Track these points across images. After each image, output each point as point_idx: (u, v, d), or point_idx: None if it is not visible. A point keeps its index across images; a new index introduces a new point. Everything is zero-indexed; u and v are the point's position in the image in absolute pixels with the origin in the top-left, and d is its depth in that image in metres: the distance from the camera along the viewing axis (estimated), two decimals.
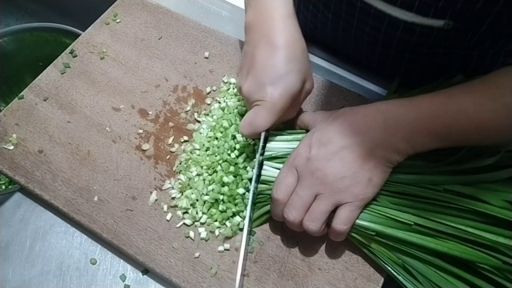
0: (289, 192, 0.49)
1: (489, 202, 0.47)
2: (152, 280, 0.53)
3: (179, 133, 0.60)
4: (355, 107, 0.49)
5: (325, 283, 0.51)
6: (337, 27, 0.63)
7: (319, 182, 0.47)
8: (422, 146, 0.46)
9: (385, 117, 0.46)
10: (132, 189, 0.56)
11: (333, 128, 0.48)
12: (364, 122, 0.47)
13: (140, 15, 0.71)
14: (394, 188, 0.49)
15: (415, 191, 0.49)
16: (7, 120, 0.61)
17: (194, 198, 0.54)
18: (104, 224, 0.54)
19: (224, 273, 0.51)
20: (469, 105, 0.44)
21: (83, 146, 0.59)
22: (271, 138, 0.54)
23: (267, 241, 0.53)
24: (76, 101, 0.63)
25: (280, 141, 0.54)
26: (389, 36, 0.57)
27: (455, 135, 0.45)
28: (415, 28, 0.53)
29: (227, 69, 0.66)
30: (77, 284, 0.52)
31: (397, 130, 0.46)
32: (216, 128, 0.59)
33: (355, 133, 0.47)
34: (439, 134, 0.45)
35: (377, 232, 0.48)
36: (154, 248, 0.52)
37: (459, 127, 0.45)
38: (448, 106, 0.45)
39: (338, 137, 0.47)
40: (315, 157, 0.47)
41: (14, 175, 0.57)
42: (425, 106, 0.46)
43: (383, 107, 0.47)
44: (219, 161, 0.56)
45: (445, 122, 0.45)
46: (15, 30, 0.88)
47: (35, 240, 0.55)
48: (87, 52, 0.67)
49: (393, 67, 0.64)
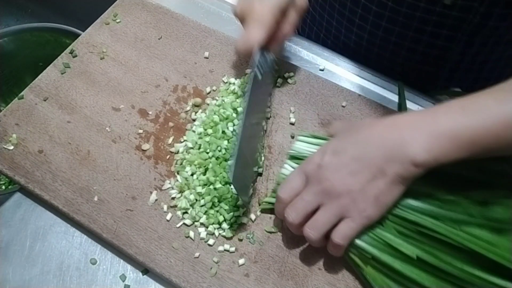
0: (293, 193, 0.49)
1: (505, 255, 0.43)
2: (152, 280, 0.53)
3: (179, 133, 0.60)
4: (376, 119, 0.49)
5: (325, 283, 0.51)
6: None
7: (325, 192, 0.46)
8: (446, 155, 0.42)
9: (400, 128, 0.44)
10: (132, 189, 0.56)
11: (349, 138, 0.48)
12: (378, 134, 0.45)
13: (140, 15, 0.71)
14: (404, 214, 0.47)
15: (427, 223, 0.45)
16: (7, 120, 0.61)
17: (192, 198, 0.54)
18: (104, 224, 0.54)
19: (224, 273, 0.51)
20: (490, 102, 0.42)
21: (83, 146, 0.59)
22: (297, 138, 0.55)
23: (267, 241, 0.53)
24: (76, 101, 0.63)
25: (304, 143, 0.55)
26: (394, 12, 0.58)
27: (480, 138, 0.41)
28: (419, 3, 0.54)
29: (227, 69, 0.65)
30: (77, 284, 0.52)
31: (414, 140, 0.43)
32: (207, 123, 0.59)
33: (368, 145, 0.45)
34: (461, 138, 0.41)
35: (373, 256, 0.47)
36: (154, 248, 0.52)
37: (483, 127, 0.41)
38: (467, 106, 0.42)
39: (351, 148, 0.46)
40: (326, 165, 0.47)
41: (14, 175, 0.57)
42: (442, 111, 0.43)
43: (399, 120, 0.46)
44: (210, 158, 0.56)
45: (466, 124, 0.41)
46: (15, 30, 0.88)
47: (35, 240, 0.55)
48: (87, 52, 0.67)
49: (395, 50, 0.64)
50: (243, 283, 0.50)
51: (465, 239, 0.45)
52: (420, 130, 0.43)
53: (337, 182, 0.45)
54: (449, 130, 0.42)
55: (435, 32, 0.60)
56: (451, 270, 0.45)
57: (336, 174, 0.46)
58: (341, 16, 0.68)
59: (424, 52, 0.64)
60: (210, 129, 0.58)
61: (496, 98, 0.42)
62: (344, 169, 0.46)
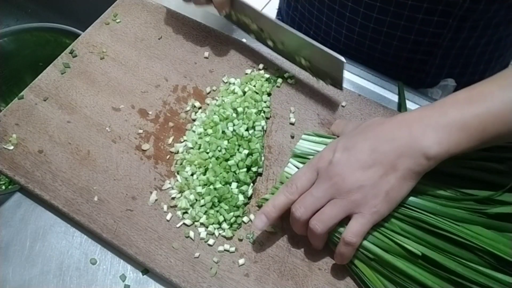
0: (301, 190, 0.48)
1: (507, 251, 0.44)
2: (152, 280, 0.53)
3: (179, 133, 0.60)
4: (384, 118, 0.49)
5: (325, 283, 0.51)
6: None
7: (336, 187, 0.46)
8: (457, 146, 0.43)
9: (410, 124, 0.45)
10: (132, 189, 0.56)
11: (359, 136, 0.48)
12: (389, 131, 0.46)
13: (140, 15, 0.71)
14: (408, 212, 0.47)
15: (430, 219, 0.46)
16: (7, 120, 0.61)
17: (192, 198, 0.54)
18: (104, 224, 0.54)
19: (224, 273, 0.51)
20: (495, 89, 0.43)
21: (83, 146, 0.59)
22: (301, 137, 0.56)
23: (267, 241, 0.53)
24: (76, 101, 0.63)
25: (308, 141, 0.55)
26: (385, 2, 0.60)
27: (489, 125, 0.42)
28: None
29: (227, 69, 0.65)
30: (77, 284, 0.52)
31: (424, 134, 0.43)
32: (207, 123, 0.59)
33: (379, 142, 0.46)
34: (470, 128, 0.42)
35: (376, 255, 0.46)
36: (154, 248, 0.52)
37: (491, 113, 0.42)
38: (473, 96, 0.44)
39: (362, 144, 0.47)
40: (337, 161, 0.47)
41: (14, 175, 0.57)
42: (449, 102, 0.44)
43: (407, 116, 0.46)
44: (210, 158, 0.56)
45: (474, 113, 0.42)
46: (15, 30, 0.88)
47: (35, 240, 0.55)
48: (87, 52, 0.67)
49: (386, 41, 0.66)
50: (243, 283, 0.50)
51: (468, 235, 0.45)
52: (430, 124, 0.44)
53: (348, 178, 0.46)
54: (458, 121, 0.43)
55: (426, 19, 0.61)
56: (455, 267, 0.45)
57: (347, 169, 0.46)
58: (331, 11, 0.69)
59: (415, 41, 0.65)
60: (210, 129, 0.58)
61: (500, 85, 0.43)
62: (355, 165, 0.46)
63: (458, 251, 0.46)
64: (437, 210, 0.47)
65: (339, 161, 0.47)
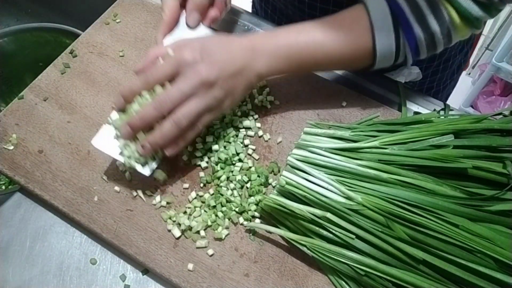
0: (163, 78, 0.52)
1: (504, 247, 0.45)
2: (152, 280, 0.53)
3: None
4: (232, 37, 0.56)
5: (325, 283, 0.51)
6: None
7: (199, 82, 0.50)
8: (279, 70, 0.55)
9: (252, 45, 0.54)
10: (132, 189, 0.56)
11: (216, 43, 0.53)
12: (239, 48, 0.54)
13: (140, 15, 0.71)
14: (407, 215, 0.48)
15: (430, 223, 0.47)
16: (7, 120, 0.61)
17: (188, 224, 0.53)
18: (104, 224, 0.54)
19: (224, 273, 0.51)
20: (318, 35, 0.54)
21: (83, 146, 0.59)
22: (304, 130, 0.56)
23: (267, 241, 0.53)
24: (76, 101, 0.63)
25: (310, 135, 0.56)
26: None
27: (306, 61, 0.55)
28: None
29: None
30: (77, 284, 0.52)
31: (261, 57, 0.54)
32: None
33: (231, 52, 0.53)
34: (292, 60, 0.55)
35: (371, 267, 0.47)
36: (154, 248, 0.52)
37: (309, 54, 0.54)
38: (300, 36, 0.54)
39: (219, 52, 0.52)
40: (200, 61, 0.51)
41: (14, 175, 0.57)
42: (282, 37, 0.55)
43: (253, 38, 0.55)
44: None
45: (297, 50, 0.54)
46: (15, 30, 0.88)
47: (35, 240, 0.55)
48: (87, 52, 0.67)
49: None
50: (243, 283, 0.50)
51: (466, 237, 0.46)
52: (265, 51, 0.54)
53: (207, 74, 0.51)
54: (284, 54, 0.54)
55: None
56: (455, 270, 0.45)
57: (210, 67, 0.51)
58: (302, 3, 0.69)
59: None
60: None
61: (324, 34, 0.54)
62: (215, 65, 0.51)
63: (459, 252, 0.46)
64: (438, 204, 0.48)
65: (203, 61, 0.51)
